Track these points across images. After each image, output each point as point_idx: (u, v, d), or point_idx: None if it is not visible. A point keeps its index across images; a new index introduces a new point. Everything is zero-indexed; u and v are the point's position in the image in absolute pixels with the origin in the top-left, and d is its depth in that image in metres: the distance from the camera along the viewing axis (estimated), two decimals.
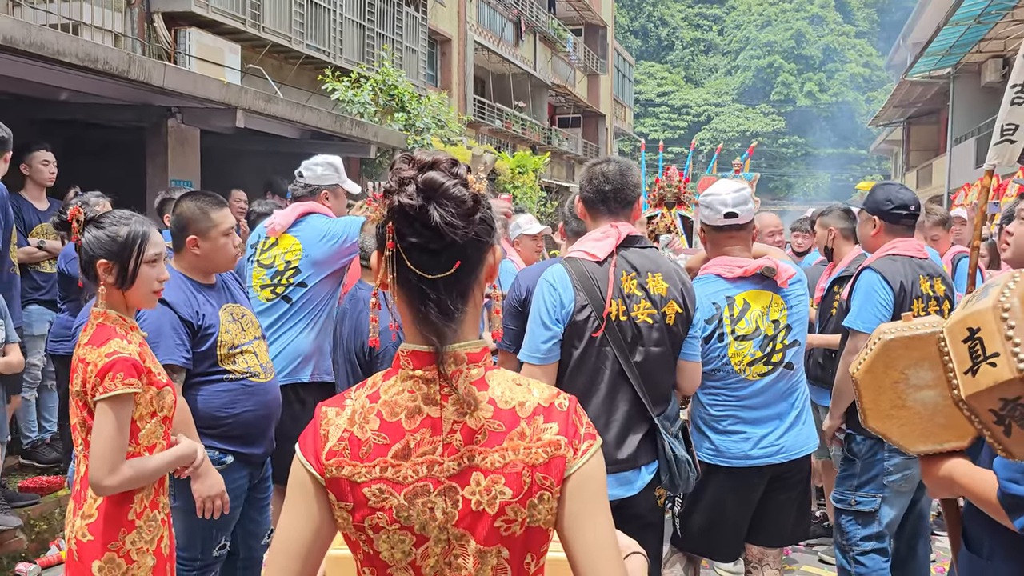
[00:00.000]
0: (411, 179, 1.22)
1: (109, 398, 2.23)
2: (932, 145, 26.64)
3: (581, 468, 1.26)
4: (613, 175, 2.73)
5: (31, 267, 5.10)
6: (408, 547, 1.26)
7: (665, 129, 57.47)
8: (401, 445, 1.25)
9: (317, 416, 1.31)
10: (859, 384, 1.71)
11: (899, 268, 3.35)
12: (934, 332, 1.64)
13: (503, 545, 1.26)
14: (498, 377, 1.30)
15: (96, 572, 2.27)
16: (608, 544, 1.26)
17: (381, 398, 1.27)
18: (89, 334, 2.35)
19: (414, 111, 11.25)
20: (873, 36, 63.77)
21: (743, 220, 3.09)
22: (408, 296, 1.25)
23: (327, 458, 1.26)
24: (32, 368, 4.99)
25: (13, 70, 5.03)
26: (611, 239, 2.68)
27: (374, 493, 1.24)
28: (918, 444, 1.70)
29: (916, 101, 25.22)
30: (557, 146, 25.66)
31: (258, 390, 3.02)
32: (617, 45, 35.09)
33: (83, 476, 2.33)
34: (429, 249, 1.22)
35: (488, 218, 1.27)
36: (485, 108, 20.75)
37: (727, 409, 3.05)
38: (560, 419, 1.27)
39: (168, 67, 6.01)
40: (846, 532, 3.44)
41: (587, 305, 2.59)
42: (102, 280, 2.37)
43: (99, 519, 2.30)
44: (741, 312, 3.04)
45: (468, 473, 1.24)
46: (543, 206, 16.44)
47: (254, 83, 9.48)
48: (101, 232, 2.39)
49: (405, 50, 13.68)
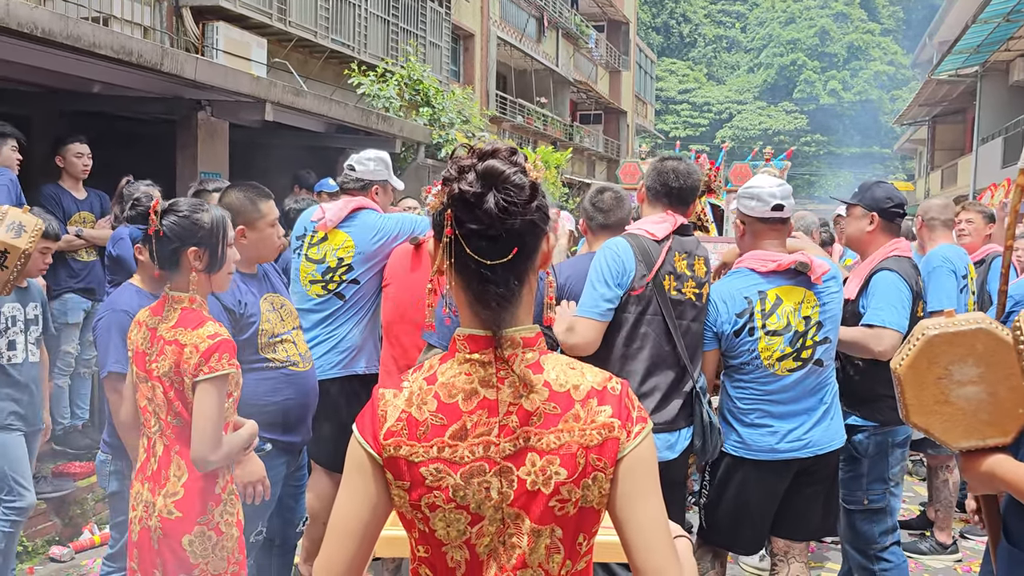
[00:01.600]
0: (471, 167, 1.25)
1: (214, 378, 2.30)
2: (957, 144, 26.36)
3: (634, 450, 1.29)
4: (683, 174, 3.04)
5: (68, 255, 5.18)
6: (463, 526, 1.29)
7: (686, 126, 57.20)
8: (458, 426, 1.28)
9: (375, 398, 1.34)
10: (902, 379, 1.70)
11: (906, 268, 3.38)
12: (979, 327, 1.64)
13: (556, 524, 1.29)
14: (553, 360, 1.33)
15: (187, 546, 2.33)
16: (659, 524, 1.29)
17: (438, 380, 1.30)
18: (174, 318, 2.39)
19: (439, 106, 11.28)
20: (899, 34, 63.09)
21: (787, 213, 3.11)
22: (466, 282, 1.28)
23: (385, 438, 1.29)
24: (66, 355, 5.07)
25: (49, 62, 5.09)
26: (668, 224, 3.01)
27: (431, 472, 1.27)
28: (961, 440, 1.70)
29: (942, 100, 24.97)
30: (578, 142, 25.63)
31: (297, 379, 3.07)
32: (639, 41, 34.98)
33: (161, 456, 2.38)
34: (488, 235, 1.24)
35: (544, 206, 1.29)
36: (507, 104, 20.76)
37: (755, 403, 3.06)
38: (613, 402, 1.30)
39: (200, 60, 6.07)
40: (862, 533, 3.44)
41: (646, 275, 2.91)
42: (192, 267, 2.41)
43: (187, 495, 2.35)
44: (773, 307, 3.04)
45: (523, 454, 1.27)
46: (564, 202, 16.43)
47: (280, 77, 9.55)
48: (185, 220, 2.41)
49: (429, 45, 13.72)
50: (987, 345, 1.63)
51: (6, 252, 2.97)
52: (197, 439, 2.28)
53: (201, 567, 2.35)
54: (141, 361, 2.43)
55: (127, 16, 7.86)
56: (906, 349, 1.72)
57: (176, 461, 2.38)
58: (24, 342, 3.82)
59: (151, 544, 2.36)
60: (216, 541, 2.38)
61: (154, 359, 2.38)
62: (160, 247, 2.41)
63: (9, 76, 5.58)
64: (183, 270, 2.43)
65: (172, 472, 2.37)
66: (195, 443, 2.29)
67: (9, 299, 3.73)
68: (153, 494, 2.38)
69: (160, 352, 2.36)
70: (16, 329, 3.79)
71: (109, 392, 3.02)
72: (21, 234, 3.01)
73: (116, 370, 2.99)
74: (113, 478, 3.10)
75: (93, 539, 4.65)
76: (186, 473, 2.36)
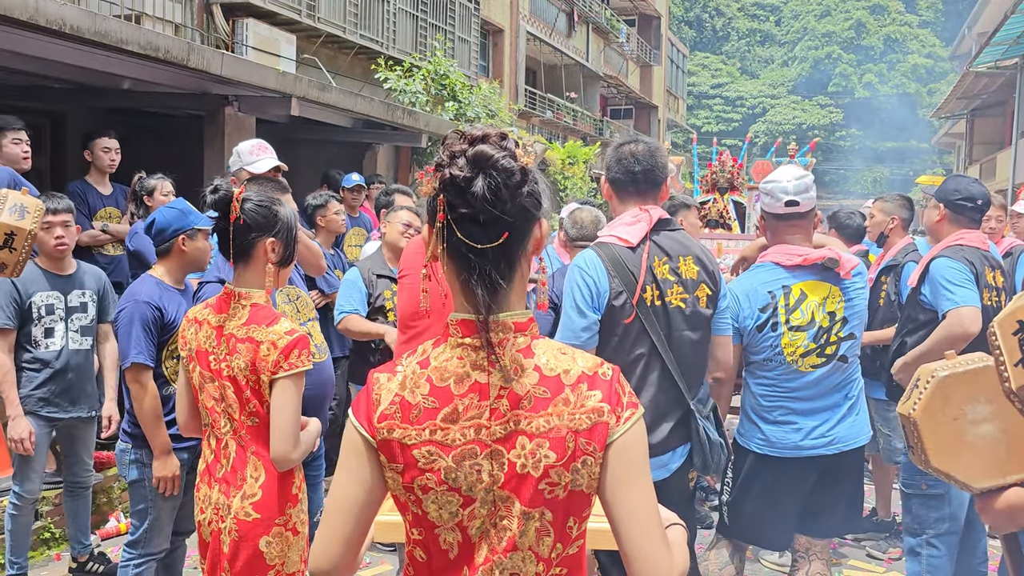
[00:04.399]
0: (462, 152, 1.26)
1: (293, 374, 2.26)
2: (996, 138, 25.81)
3: (623, 435, 1.30)
4: (643, 155, 2.68)
5: (95, 250, 5.27)
6: (455, 508, 1.31)
7: (719, 122, 56.69)
8: (450, 409, 1.30)
9: (370, 382, 1.36)
10: (918, 424, 1.66)
11: (969, 256, 3.34)
12: (986, 365, 1.62)
13: (546, 507, 1.30)
14: (544, 346, 1.34)
15: (264, 547, 2.29)
16: (649, 509, 1.31)
17: (431, 364, 1.32)
18: (244, 315, 2.33)
19: (465, 100, 11.29)
20: (937, 26, 61.94)
21: (804, 208, 3.01)
22: (457, 266, 1.30)
23: (379, 421, 1.32)
24: None
25: (79, 59, 5.18)
26: (643, 223, 2.64)
27: (423, 455, 1.30)
28: (983, 480, 1.66)
29: (981, 92, 24.45)
30: (608, 137, 25.50)
31: (314, 369, 3.09)
32: (671, 35, 34.71)
33: (235, 457, 2.32)
34: (478, 220, 1.25)
35: (536, 192, 1.30)
36: (536, 99, 20.72)
37: (778, 400, 3.02)
38: (603, 387, 1.31)
39: (226, 56, 6.13)
40: (918, 516, 3.40)
41: (622, 292, 2.57)
42: (268, 259, 2.36)
43: (265, 496, 2.30)
44: (797, 302, 2.99)
45: (514, 437, 1.29)
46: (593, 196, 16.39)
47: (308, 73, 9.63)
48: (266, 209, 2.37)
49: (457, 40, 13.74)
50: (996, 382, 1.63)
51: (13, 234, 3.02)
52: (279, 437, 2.24)
53: (277, 568, 2.31)
54: (205, 360, 2.36)
55: (158, 14, 7.97)
56: (916, 394, 1.68)
57: (252, 462, 2.32)
58: (64, 330, 3.87)
59: (221, 547, 2.31)
60: (292, 541, 2.34)
61: (223, 358, 2.31)
62: (238, 235, 2.33)
63: (43, 73, 5.69)
64: (255, 262, 2.37)
65: (248, 473, 2.31)
66: (276, 441, 2.24)
67: (42, 288, 3.78)
68: (227, 496, 2.32)
69: (232, 351, 2.29)
70: (54, 317, 3.83)
71: (131, 382, 3.07)
72: (24, 215, 3.06)
73: (139, 360, 3.04)
74: (133, 467, 3.14)
75: (119, 527, 4.74)
76: (263, 474, 2.30)
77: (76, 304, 3.92)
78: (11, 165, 4.47)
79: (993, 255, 3.49)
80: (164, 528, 3.20)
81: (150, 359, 3.06)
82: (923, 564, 3.40)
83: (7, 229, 3.02)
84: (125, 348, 3.06)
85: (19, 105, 6.06)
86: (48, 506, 4.56)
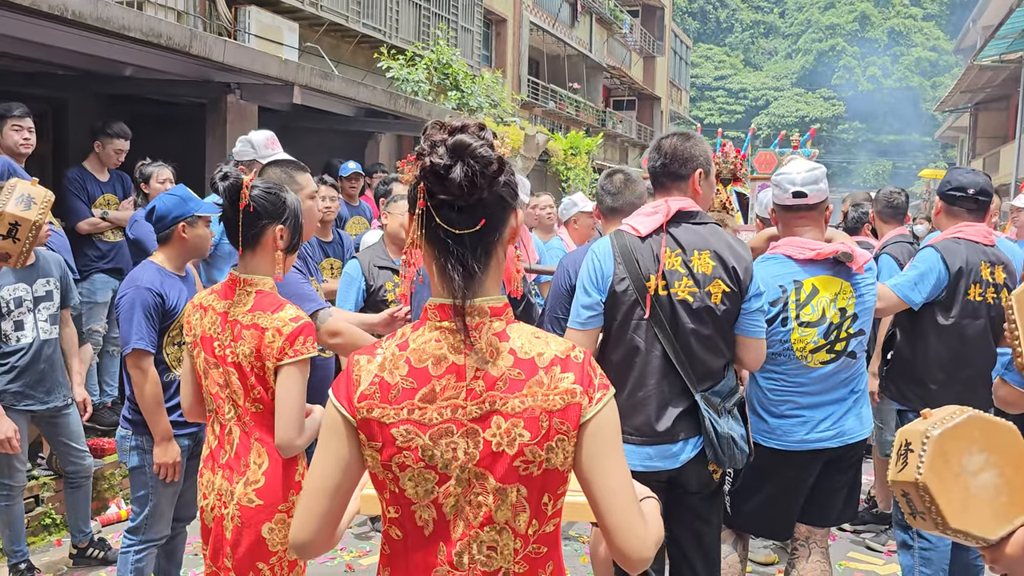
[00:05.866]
0: (442, 141, 1.32)
1: (298, 361, 2.26)
2: (1000, 132, 25.74)
3: (596, 415, 1.37)
4: (667, 148, 2.74)
5: (95, 236, 5.27)
6: (431, 485, 1.36)
7: (722, 113, 56.57)
8: (427, 389, 1.35)
9: (350, 363, 1.42)
10: (929, 488, 1.61)
11: (961, 250, 3.37)
12: (969, 416, 1.63)
13: (521, 483, 1.36)
14: (519, 330, 1.40)
15: (267, 534, 2.29)
16: (624, 484, 1.38)
17: (410, 346, 1.38)
18: (249, 302, 2.32)
19: (467, 90, 11.27)
20: (942, 19, 61.69)
21: (813, 200, 2.99)
22: (436, 251, 1.36)
23: (359, 401, 1.37)
24: (94, 334, 5.16)
25: (81, 45, 5.17)
26: (659, 215, 2.66)
27: (401, 433, 1.35)
28: (996, 530, 1.66)
29: (985, 86, 24.37)
30: (611, 128, 25.46)
31: (320, 365, 3.09)
32: (675, 27, 34.60)
33: (239, 443, 2.32)
34: (457, 206, 1.32)
35: (512, 182, 1.37)
36: (539, 89, 20.68)
37: (785, 394, 3.00)
38: (576, 369, 1.37)
39: (228, 43, 6.11)
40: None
41: (625, 278, 2.62)
42: (276, 246, 2.36)
43: (268, 483, 2.30)
44: (808, 298, 2.96)
45: (489, 417, 1.35)
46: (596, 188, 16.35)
47: (311, 61, 9.61)
48: (275, 196, 2.36)
49: (460, 30, 13.70)
50: (983, 430, 1.62)
51: (17, 224, 3.00)
52: (283, 424, 2.23)
53: (279, 554, 2.31)
54: (210, 346, 2.35)
55: (160, 1, 7.95)
56: (914, 459, 1.66)
57: (256, 448, 2.31)
58: (33, 321, 3.82)
59: (223, 532, 2.31)
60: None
61: (228, 344, 2.30)
62: (248, 222, 2.31)
63: (45, 59, 5.67)
64: (262, 249, 2.35)
65: (252, 459, 2.31)
66: (280, 428, 2.24)
67: (8, 282, 3.72)
68: (230, 482, 2.31)
69: (237, 337, 2.28)
70: (22, 310, 3.78)
71: (132, 368, 3.06)
72: (31, 206, 3.03)
73: (140, 347, 3.03)
74: (134, 453, 3.14)
75: (120, 513, 4.75)
76: (267, 460, 2.30)
77: (43, 293, 3.87)
78: (10, 153, 4.45)
79: (997, 251, 3.47)
80: (165, 514, 3.20)
81: (151, 345, 3.06)
82: (916, 557, 3.41)
83: (12, 219, 3.00)
84: (126, 334, 3.05)
85: (21, 91, 6.04)
86: (49, 492, 4.58)
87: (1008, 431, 1.61)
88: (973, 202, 3.44)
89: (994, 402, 2.37)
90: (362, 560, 4.34)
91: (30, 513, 4.39)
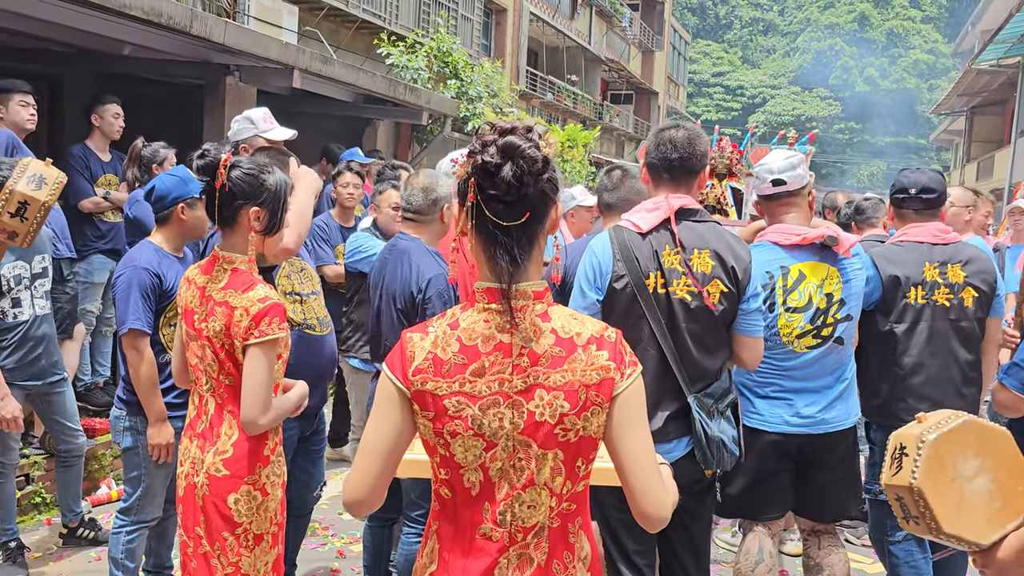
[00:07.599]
0: (493, 142, 1.46)
1: (264, 342, 2.28)
2: (995, 136, 25.83)
3: (626, 389, 1.54)
4: (681, 142, 2.66)
5: (96, 216, 5.23)
6: (479, 451, 1.52)
7: (719, 110, 56.58)
8: (477, 365, 1.51)
9: (403, 340, 1.56)
10: (924, 492, 1.61)
11: (898, 255, 3.28)
12: (964, 421, 1.63)
13: (559, 449, 1.52)
14: (558, 312, 1.56)
15: (232, 504, 2.34)
16: (648, 450, 1.56)
17: (460, 326, 1.53)
18: (224, 279, 2.36)
19: (467, 79, 11.22)
20: (940, 22, 61.80)
21: (792, 187, 3.02)
22: (484, 241, 1.51)
23: (414, 374, 1.52)
24: (88, 314, 5.13)
25: (80, 22, 5.11)
26: (660, 211, 2.62)
27: (453, 404, 1.50)
28: (989, 534, 1.66)
29: (982, 90, 24.44)
30: (608, 122, 25.44)
31: (313, 342, 3.08)
32: (674, 22, 34.56)
33: (213, 414, 2.38)
34: (505, 200, 1.47)
35: (555, 178, 1.52)
36: (537, 80, 20.63)
37: (771, 377, 3.01)
38: (609, 348, 1.54)
39: (229, 24, 6.05)
40: (875, 522, 3.40)
41: (624, 275, 2.58)
42: (251, 227, 2.38)
43: (236, 454, 2.35)
44: (795, 283, 2.98)
45: (533, 390, 1.50)
46: (591, 181, 16.34)
47: (310, 46, 9.54)
48: (252, 177, 2.37)
49: (460, 18, 13.64)
50: (978, 435, 1.64)
51: (26, 204, 2.97)
52: (247, 403, 2.28)
53: (244, 526, 2.35)
54: (190, 319, 2.40)
55: None
56: (908, 463, 1.65)
57: (228, 420, 2.37)
58: (30, 298, 3.81)
59: (195, 500, 2.35)
60: (261, 501, 2.37)
61: (203, 319, 2.35)
62: (223, 202, 2.35)
63: (42, 35, 5.61)
64: (239, 229, 2.38)
65: (223, 430, 2.36)
66: (244, 407, 2.28)
67: (8, 259, 3.70)
68: (202, 451, 2.37)
69: (210, 313, 2.33)
70: (21, 287, 3.76)
71: (127, 349, 3.04)
72: (42, 186, 3.00)
73: (136, 327, 3.01)
74: (127, 434, 3.13)
75: (110, 494, 4.73)
76: (236, 432, 2.35)
77: (39, 270, 3.86)
78: (15, 128, 4.41)
79: (953, 249, 3.30)
80: (157, 496, 3.19)
81: (147, 326, 3.04)
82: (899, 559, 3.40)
83: (22, 198, 2.97)
84: (123, 314, 3.03)
85: (17, 67, 5.98)
86: (39, 471, 4.55)
87: (1002, 436, 1.64)
88: (918, 201, 3.35)
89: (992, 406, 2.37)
90: (352, 546, 4.34)
91: (20, 492, 4.36)
